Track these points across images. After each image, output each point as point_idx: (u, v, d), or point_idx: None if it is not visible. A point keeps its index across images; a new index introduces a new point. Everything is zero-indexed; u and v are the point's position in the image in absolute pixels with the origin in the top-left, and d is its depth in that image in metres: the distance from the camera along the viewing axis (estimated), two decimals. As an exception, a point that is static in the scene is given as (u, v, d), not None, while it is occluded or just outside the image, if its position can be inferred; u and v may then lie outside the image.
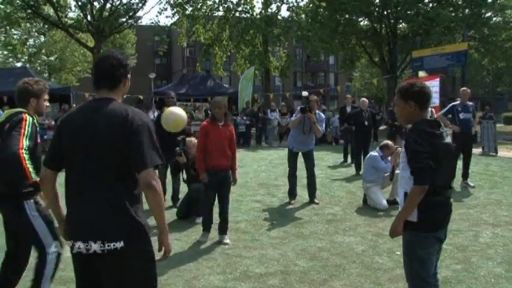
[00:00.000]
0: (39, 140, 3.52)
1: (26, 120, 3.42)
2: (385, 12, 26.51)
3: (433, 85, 16.40)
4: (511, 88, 40.12)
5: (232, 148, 5.83)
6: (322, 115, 8.15)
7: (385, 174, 7.73)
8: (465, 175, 9.16)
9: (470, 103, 9.34)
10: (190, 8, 28.31)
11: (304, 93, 18.53)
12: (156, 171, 2.55)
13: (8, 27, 27.52)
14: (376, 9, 26.54)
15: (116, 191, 2.42)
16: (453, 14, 24.06)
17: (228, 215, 5.93)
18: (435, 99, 13.02)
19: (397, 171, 7.84)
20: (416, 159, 2.90)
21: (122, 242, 2.38)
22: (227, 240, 5.80)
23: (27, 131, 3.36)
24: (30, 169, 3.23)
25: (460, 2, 24.81)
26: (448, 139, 3.15)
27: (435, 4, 25.25)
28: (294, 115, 7.96)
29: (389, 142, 8.07)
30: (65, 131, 2.53)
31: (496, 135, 14.86)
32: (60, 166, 2.59)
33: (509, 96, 43.26)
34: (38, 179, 3.06)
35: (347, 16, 26.66)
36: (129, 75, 2.64)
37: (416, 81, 3.26)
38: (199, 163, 5.81)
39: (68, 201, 2.53)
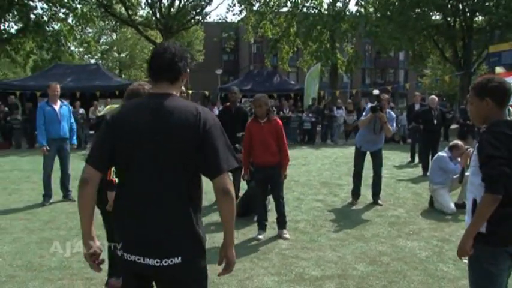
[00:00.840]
0: None
1: None
2: (461, 5, 25.31)
3: (512, 82, 15.52)
4: None
5: (280, 144, 5.78)
6: (393, 114, 7.89)
7: (454, 176, 7.36)
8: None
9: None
10: (258, 4, 28.44)
11: (375, 92, 17.95)
12: (230, 175, 2.37)
13: (83, 25, 28.83)
14: (451, 1, 25.38)
15: (182, 200, 2.22)
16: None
17: (284, 210, 5.94)
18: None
19: (467, 173, 7.45)
20: (490, 164, 2.60)
21: (179, 258, 2.19)
22: (286, 235, 5.83)
23: None
24: None
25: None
26: None
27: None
28: (364, 114, 7.73)
29: (459, 142, 7.66)
30: (122, 129, 2.24)
31: None
32: (107, 168, 2.38)
33: None
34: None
35: (419, 10, 25.69)
36: (188, 70, 2.38)
37: (493, 76, 2.82)
38: (243, 160, 5.94)
39: (121, 209, 2.31)
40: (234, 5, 29.16)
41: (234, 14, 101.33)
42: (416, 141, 12.70)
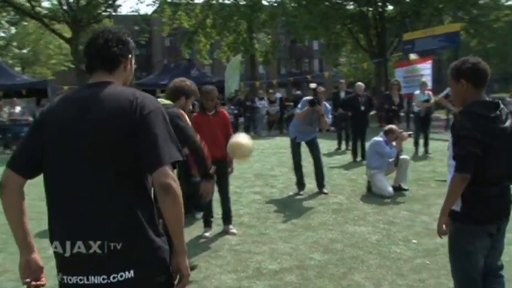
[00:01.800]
0: None
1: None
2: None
3: (426, 68, 16.39)
4: (497, 70, 40.38)
5: (228, 136, 5.60)
6: (328, 106, 7.98)
7: (390, 160, 7.59)
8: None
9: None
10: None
11: (312, 85, 18.21)
12: (175, 171, 2.00)
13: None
14: (363, -8, 26.36)
15: (122, 202, 1.87)
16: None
17: (230, 205, 5.85)
18: (428, 82, 12.88)
19: (402, 156, 7.73)
20: (459, 145, 2.66)
21: (131, 272, 1.84)
22: (233, 230, 5.75)
23: None
24: None
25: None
26: (508, 123, 2.77)
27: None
28: (299, 107, 7.70)
29: (394, 126, 7.91)
30: (49, 126, 1.95)
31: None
32: (33, 173, 2.00)
33: (498, 77, 43.61)
34: None
35: (333, 0, 26.44)
36: (131, 56, 2.10)
37: (468, 58, 2.83)
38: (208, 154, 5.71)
39: (52, 217, 1.96)
40: (147, -5, 28.42)
41: (147, 5, 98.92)
42: (343, 129, 13.04)
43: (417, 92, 11.81)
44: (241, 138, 5.09)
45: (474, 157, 2.63)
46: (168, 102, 3.97)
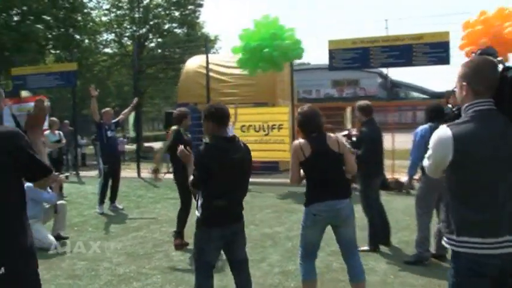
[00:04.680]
0: None
1: None
2: None
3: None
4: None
5: None
6: None
7: (47, 206, 7.06)
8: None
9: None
10: None
11: None
12: None
13: None
14: None
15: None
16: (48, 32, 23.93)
17: None
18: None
19: (59, 202, 7.28)
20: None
21: (2, 269, 2.24)
22: None
23: None
24: None
25: (52, 21, 24.77)
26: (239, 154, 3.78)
27: (24, 18, 24.41)
28: None
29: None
30: None
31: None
32: None
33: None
34: None
35: None
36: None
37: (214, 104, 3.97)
38: None
39: None
40: None
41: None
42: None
43: (47, 132, 11.38)
44: None
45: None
46: None
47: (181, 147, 4.01)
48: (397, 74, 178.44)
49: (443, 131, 2.38)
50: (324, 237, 4.26)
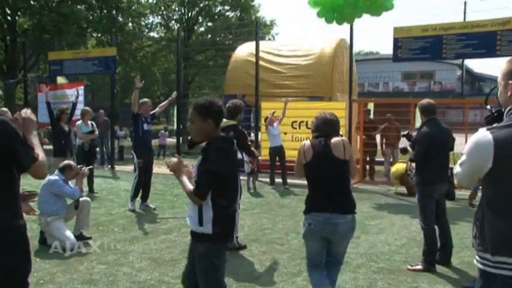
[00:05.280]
0: None
1: None
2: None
3: (75, 93, 16.12)
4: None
5: None
6: None
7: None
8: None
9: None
10: None
11: None
12: None
13: None
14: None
15: None
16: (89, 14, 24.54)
17: None
18: (78, 111, 12.49)
19: (82, 198, 7.40)
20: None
21: None
22: None
23: None
24: None
25: (94, 2, 25.37)
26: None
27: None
28: None
29: (71, 162, 7.56)
30: None
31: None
32: None
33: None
34: None
35: None
36: None
37: (211, 99, 3.67)
38: None
39: None
40: None
41: None
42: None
43: (79, 122, 11.65)
44: None
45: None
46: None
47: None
48: (481, 66, 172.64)
49: (483, 135, 2.25)
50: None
